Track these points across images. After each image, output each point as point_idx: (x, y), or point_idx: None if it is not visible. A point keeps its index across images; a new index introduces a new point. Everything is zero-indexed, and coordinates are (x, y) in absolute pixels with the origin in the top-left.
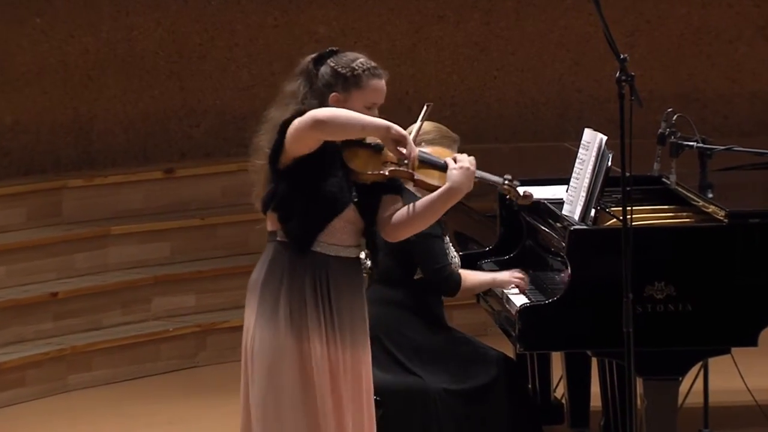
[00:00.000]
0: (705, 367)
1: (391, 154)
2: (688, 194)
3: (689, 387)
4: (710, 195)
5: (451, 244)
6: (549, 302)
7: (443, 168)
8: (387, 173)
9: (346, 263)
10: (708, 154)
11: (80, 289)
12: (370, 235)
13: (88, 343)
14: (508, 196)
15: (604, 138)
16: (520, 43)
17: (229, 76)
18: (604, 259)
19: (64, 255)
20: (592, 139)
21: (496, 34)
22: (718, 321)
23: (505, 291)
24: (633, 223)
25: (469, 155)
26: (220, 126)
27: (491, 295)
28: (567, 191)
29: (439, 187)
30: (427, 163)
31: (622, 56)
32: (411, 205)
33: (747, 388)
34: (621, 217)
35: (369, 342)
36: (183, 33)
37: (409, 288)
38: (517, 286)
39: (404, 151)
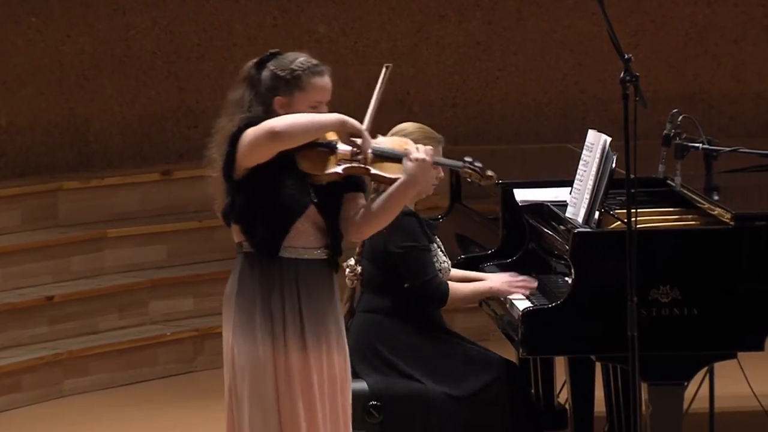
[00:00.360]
0: (711, 372)
1: (344, 152)
2: (694, 196)
3: (695, 392)
4: (716, 197)
5: (440, 251)
6: (552, 306)
7: (400, 160)
8: (342, 171)
9: (315, 265)
10: (714, 155)
11: (76, 292)
12: (334, 235)
13: (84, 348)
14: (470, 179)
15: (608, 139)
16: (523, 43)
17: (228, 77)
18: (608, 262)
19: (60, 258)
20: (595, 141)
21: (498, 34)
22: (724, 325)
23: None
24: (637, 226)
25: (464, 155)
26: None
27: (493, 298)
28: (570, 193)
29: (387, 178)
30: (382, 157)
31: (626, 56)
32: (371, 201)
33: (753, 393)
34: (625, 220)
35: (344, 343)
36: (181, 32)
37: (400, 296)
38: (516, 292)
39: (359, 142)
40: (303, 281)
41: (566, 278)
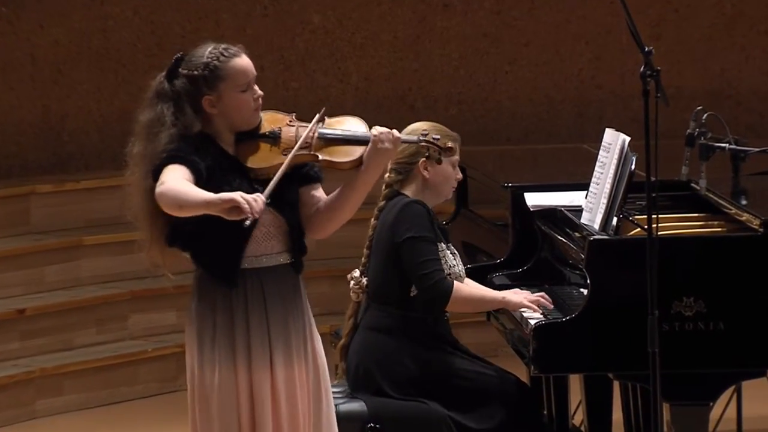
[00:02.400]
0: (738, 392)
1: (288, 139)
2: (720, 201)
3: (721, 413)
4: (744, 202)
5: (451, 254)
6: (566, 320)
7: (356, 141)
8: (288, 162)
9: (279, 272)
10: (741, 156)
11: (50, 305)
12: (295, 235)
13: (58, 365)
14: (428, 153)
15: (627, 139)
16: (535, 35)
17: None
18: (627, 272)
19: (33, 268)
20: (613, 141)
21: (508, 24)
22: (752, 340)
23: None
24: (659, 233)
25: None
26: None
27: (503, 312)
28: (586, 198)
29: (353, 162)
30: (333, 140)
31: (646, 49)
32: (334, 193)
33: None
34: (646, 227)
35: (319, 349)
36: (163, 23)
37: (406, 308)
38: (531, 308)
39: (242, 209)
40: (270, 292)
41: (581, 290)
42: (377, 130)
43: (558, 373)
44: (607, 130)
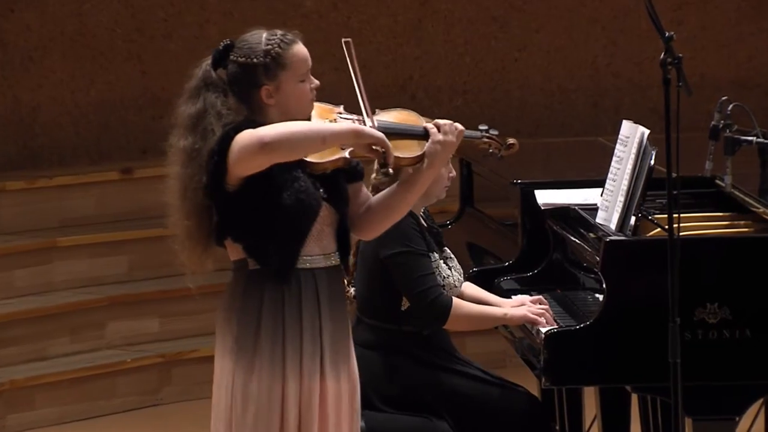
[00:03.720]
0: (767, 405)
1: None
2: (747, 199)
3: (748, 429)
4: None
5: (444, 263)
6: (580, 327)
7: (416, 135)
8: (348, 156)
9: (332, 273)
10: None
11: (21, 311)
12: (343, 235)
13: (29, 377)
14: (490, 150)
15: (646, 132)
16: (547, 19)
17: (199, 58)
18: (646, 276)
19: (2, 271)
20: (631, 133)
21: (517, 8)
22: None
23: None
24: (681, 234)
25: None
26: None
27: None
28: (602, 195)
29: (416, 159)
30: (393, 134)
31: (667, 34)
32: (388, 189)
33: None
34: (666, 227)
35: (352, 365)
36: (144, 6)
37: (398, 322)
38: (535, 323)
39: (381, 151)
40: (323, 295)
41: (597, 295)
42: (439, 122)
43: (571, 385)
44: (624, 122)
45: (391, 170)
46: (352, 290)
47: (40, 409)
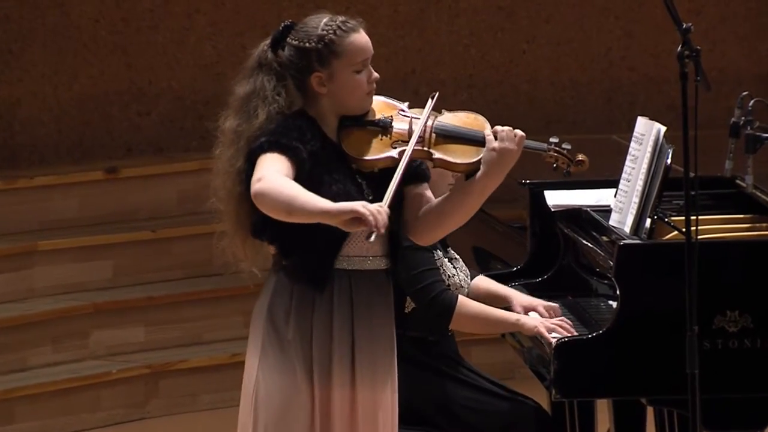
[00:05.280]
0: None
1: (400, 131)
2: None
3: None
4: None
5: (450, 261)
6: (593, 336)
7: (474, 141)
8: (397, 156)
9: (371, 277)
10: None
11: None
12: (395, 239)
13: (9, 389)
14: (555, 164)
15: (663, 129)
16: (557, 8)
17: (188, 51)
18: (662, 281)
19: None
20: (647, 131)
21: None
22: None
23: None
24: (699, 237)
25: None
26: (176, 113)
27: None
28: (615, 196)
29: (471, 165)
30: (449, 137)
31: (685, 25)
32: (445, 195)
33: None
34: (684, 229)
35: (394, 377)
36: None
37: (401, 326)
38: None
39: (366, 221)
40: (359, 298)
41: (610, 302)
42: (499, 128)
43: (583, 397)
44: (639, 118)
45: (372, 238)
46: None
47: (20, 423)
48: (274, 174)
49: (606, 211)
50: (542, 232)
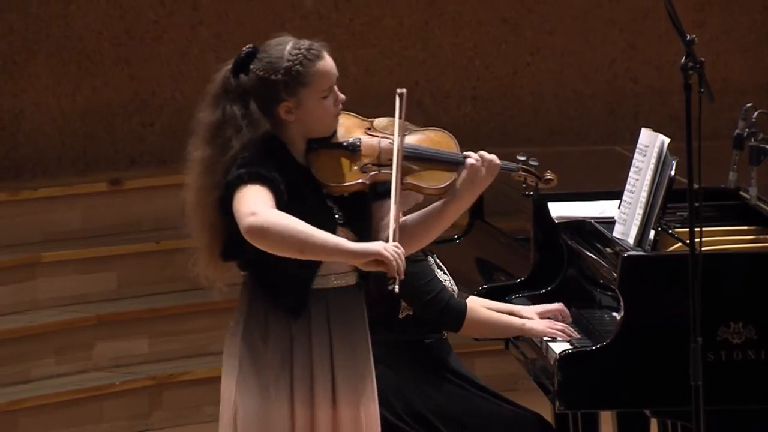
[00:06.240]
0: None
1: (369, 152)
2: None
3: None
4: None
5: (437, 267)
6: (596, 348)
7: (446, 163)
8: (368, 182)
9: (345, 294)
10: None
11: (2, 331)
12: None
13: (12, 401)
14: (525, 183)
15: (667, 140)
16: (561, 20)
17: (192, 62)
18: (666, 293)
19: None
20: (650, 142)
21: (529, 9)
22: None
23: None
24: (703, 249)
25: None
26: (180, 125)
27: (523, 339)
28: (619, 208)
29: (442, 190)
30: (422, 160)
31: (688, 37)
32: (416, 213)
33: None
34: (688, 241)
35: (374, 389)
36: (133, 7)
37: (396, 331)
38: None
39: (388, 266)
40: (335, 315)
41: (614, 313)
42: (475, 156)
43: (587, 409)
44: (643, 130)
45: (397, 289)
46: None
47: None
48: (266, 208)
49: (610, 222)
50: (546, 243)
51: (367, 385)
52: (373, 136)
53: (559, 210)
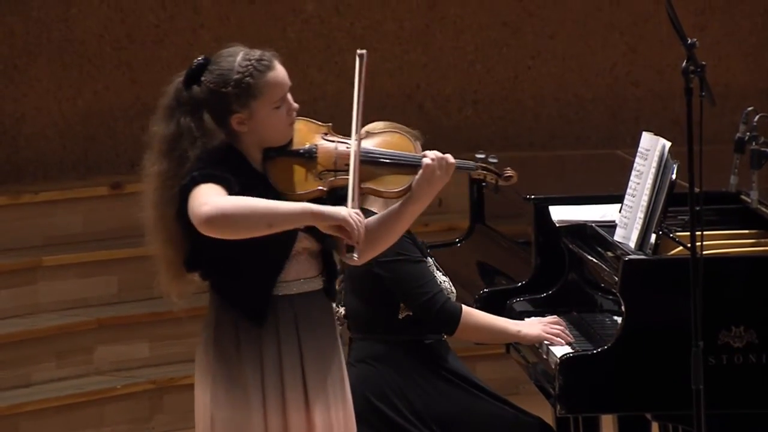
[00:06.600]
0: None
1: (326, 158)
2: None
3: None
4: None
5: (436, 268)
6: (597, 352)
7: (404, 165)
8: (325, 188)
9: (313, 298)
10: None
11: (3, 335)
12: (328, 257)
13: (13, 404)
14: (485, 182)
15: (668, 144)
16: (562, 24)
17: None
18: (667, 297)
19: None
20: (652, 146)
21: (530, 13)
22: None
23: None
24: (704, 252)
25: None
26: None
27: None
28: (620, 211)
29: (400, 192)
30: (379, 164)
31: (689, 41)
32: (377, 220)
33: None
34: (689, 245)
35: (346, 389)
36: (134, 11)
37: (397, 332)
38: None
39: (350, 233)
40: (303, 321)
41: (615, 317)
42: (430, 155)
43: (588, 413)
44: (644, 133)
45: (356, 256)
46: (342, 310)
47: None
48: (218, 196)
49: (611, 226)
50: (547, 247)
51: (338, 389)
52: (330, 141)
53: (560, 214)
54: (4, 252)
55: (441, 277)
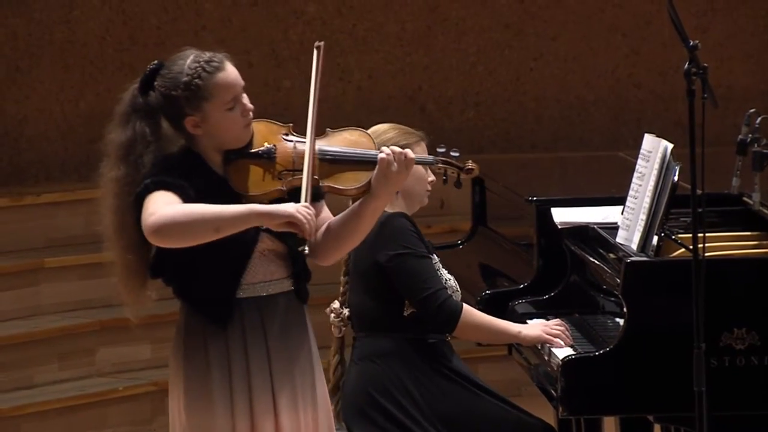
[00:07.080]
0: None
1: (284, 159)
2: None
3: None
4: None
5: (441, 266)
6: (600, 354)
7: (361, 162)
8: (285, 188)
9: (281, 302)
10: None
11: (6, 337)
12: (297, 259)
13: (15, 406)
14: (445, 176)
15: (670, 146)
16: (563, 26)
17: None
18: (669, 299)
19: None
20: (654, 148)
21: (532, 15)
22: None
23: None
24: (706, 254)
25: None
26: None
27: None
28: (623, 213)
29: (360, 189)
30: (337, 161)
31: (692, 43)
32: (340, 219)
33: None
34: (691, 247)
35: (325, 392)
36: (136, 13)
37: (402, 330)
38: (551, 343)
39: (301, 227)
40: (270, 323)
41: (617, 319)
42: (387, 150)
43: (590, 415)
44: (646, 135)
45: (307, 250)
46: (345, 311)
47: None
48: (166, 204)
49: (613, 228)
50: (549, 249)
51: (308, 391)
52: (289, 141)
53: (562, 216)
54: (6, 253)
55: (446, 275)
